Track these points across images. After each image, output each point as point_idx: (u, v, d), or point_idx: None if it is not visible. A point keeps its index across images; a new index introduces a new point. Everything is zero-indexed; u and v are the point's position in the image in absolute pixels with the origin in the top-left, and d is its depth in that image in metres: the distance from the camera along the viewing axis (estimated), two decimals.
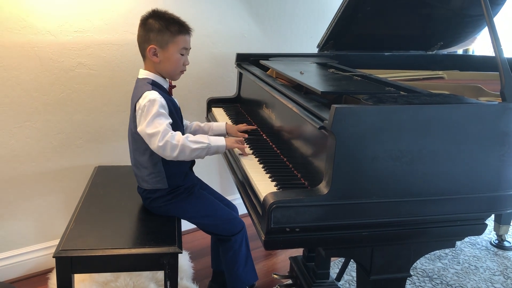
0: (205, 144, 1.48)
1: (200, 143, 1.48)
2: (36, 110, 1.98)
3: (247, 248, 1.69)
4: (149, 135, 1.45)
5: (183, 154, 1.46)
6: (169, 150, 1.44)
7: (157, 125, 1.44)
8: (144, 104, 1.46)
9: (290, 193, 1.09)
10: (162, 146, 1.43)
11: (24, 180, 2.03)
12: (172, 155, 1.45)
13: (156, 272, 2.00)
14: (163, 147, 1.43)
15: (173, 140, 1.44)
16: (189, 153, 1.47)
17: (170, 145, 1.43)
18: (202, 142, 1.48)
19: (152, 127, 1.44)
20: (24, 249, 2.09)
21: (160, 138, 1.42)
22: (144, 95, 1.48)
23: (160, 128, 1.43)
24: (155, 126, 1.44)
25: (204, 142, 1.48)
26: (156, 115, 1.45)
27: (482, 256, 2.42)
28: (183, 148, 1.45)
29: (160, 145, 1.43)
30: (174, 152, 1.44)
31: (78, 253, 1.39)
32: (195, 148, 1.46)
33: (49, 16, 1.91)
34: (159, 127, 1.44)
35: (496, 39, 1.29)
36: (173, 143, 1.43)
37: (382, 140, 1.08)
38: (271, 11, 2.64)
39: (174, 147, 1.44)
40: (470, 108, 1.16)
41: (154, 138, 1.44)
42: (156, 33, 1.52)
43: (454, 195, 1.15)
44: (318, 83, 1.48)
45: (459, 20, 2.19)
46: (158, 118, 1.45)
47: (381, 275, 1.25)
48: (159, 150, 1.44)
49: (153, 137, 1.44)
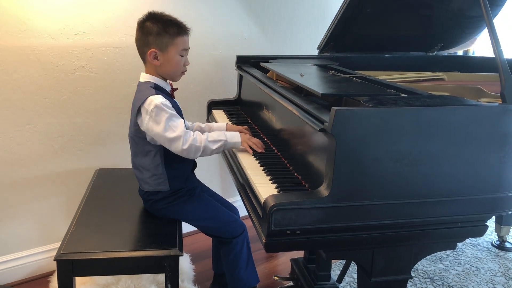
0: (222, 140, 1.55)
1: (219, 141, 1.54)
2: (36, 113, 1.98)
3: (248, 251, 1.69)
4: (170, 140, 1.48)
5: (205, 153, 1.54)
6: (193, 152, 1.50)
7: (175, 129, 1.48)
8: (151, 110, 1.47)
9: (291, 196, 1.09)
10: (187, 149, 1.48)
11: (25, 183, 2.03)
12: (195, 156, 1.53)
13: (157, 275, 2.00)
14: (188, 150, 1.49)
15: (196, 142, 1.49)
16: (210, 152, 1.54)
17: (194, 148, 1.49)
18: (220, 140, 1.55)
19: (170, 131, 1.47)
20: (25, 252, 2.09)
21: (183, 141, 1.47)
22: (149, 100, 1.49)
23: (180, 132, 1.48)
24: (172, 130, 1.47)
25: (221, 140, 1.55)
26: (169, 118, 1.48)
27: (483, 257, 2.42)
28: (205, 148, 1.52)
29: (184, 148, 1.48)
30: (197, 153, 1.51)
31: (79, 256, 1.39)
32: (215, 148, 1.54)
33: (50, 19, 1.92)
34: (177, 130, 1.48)
35: (496, 40, 1.29)
36: (196, 146, 1.50)
37: (382, 142, 1.08)
38: (271, 13, 2.64)
39: (198, 149, 1.50)
40: (470, 110, 1.16)
41: (177, 143, 1.48)
42: (155, 37, 1.52)
43: (454, 197, 1.15)
44: (318, 85, 1.48)
45: (459, 21, 2.19)
46: (172, 120, 1.48)
47: (382, 277, 1.25)
48: (183, 152, 1.50)
49: (176, 141, 1.48)
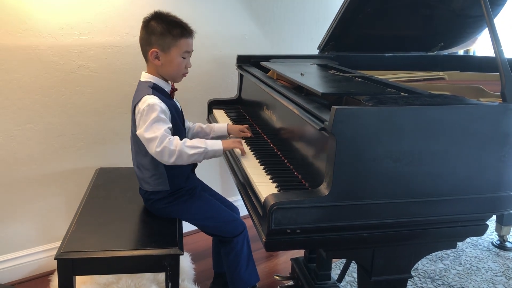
0: (201, 148, 1.48)
1: (197, 148, 1.48)
2: (37, 112, 1.98)
3: (248, 250, 1.69)
4: (147, 139, 1.45)
5: (181, 159, 1.46)
6: (166, 155, 1.44)
7: (155, 130, 1.44)
8: (143, 109, 1.47)
9: (291, 195, 1.09)
10: (160, 152, 1.44)
11: (25, 182, 2.03)
12: (169, 160, 1.45)
13: (157, 274, 2.00)
14: (161, 152, 1.44)
15: (171, 146, 1.44)
16: (187, 159, 1.47)
17: (168, 151, 1.44)
18: (199, 147, 1.48)
19: (150, 132, 1.45)
20: (25, 251, 2.10)
21: (158, 143, 1.43)
22: (144, 99, 1.49)
23: (158, 134, 1.44)
24: (153, 131, 1.45)
25: (201, 147, 1.48)
26: (155, 120, 1.46)
27: (483, 257, 2.42)
28: (180, 153, 1.45)
29: (157, 151, 1.43)
30: (171, 157, 1.45)
31: (79, 255, 1.39)
32: (192, 153, 1.47)
33: (50, 19, 1.92)
34: (157, 132, 1.44)
35: (497, 39, 1.29)
36: (171, 149, 1.44)
37: (382, 141, 1.08)
38: (272, 12, 2.64)
39: (172, 153, 1.44)
40: (470, 109, 1.16)
41: (152, 143, 1.44)
42: (158, 37, 1.52)
43: (455, 196, 1.15)
44: (318, 85, 1.48)
45: (459, 20, 2.18)
46: (157, 123, 1.46)
47: (382, 276, 1.25)
48: (157, 155, 1.45)
49: (151, 142, 1.44)
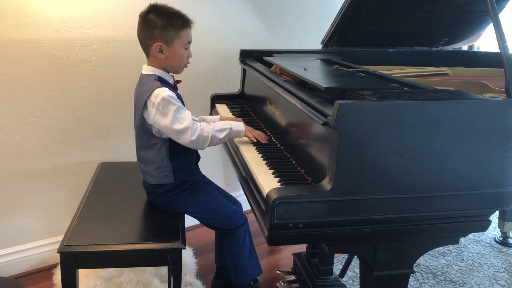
0: (228, 129, 1.57)
1: (225, 130, 1.57)
2: (40, 106, 1.99)
3: (250, 242, 1.70)
4: (178, 131, 1.48)
5: (212, 143, 1.55)
6: (201, 142, 1.52)
7: (182, 120, 1.48)
8: (158, 102, 1.47)
9: (293, 189, 1.09)
10: (195, 140, 1.50)
11: (28, 176, 2.04)
12: (203, 146, 1.54)
13: (160, 268, 2.01)
14: (196, 140, 1.50)
15: (203, 133, 1.51)
16: (217, 142, 1.57)
17: (202, 138, 1.51)
18: (226, 129, 1.57)
19: (178, 123, 1.48)
20: (28, 245, 2.11)
21: (192, 133, 1.48)
22: (156, 93, 1.49)
23: (188, 123, 1.48)
24: (180, 122, 1.48)
25: (227, 128, 1.57)
26: (176, 110, 1.48)
27: (486, 253, 2.42)
28: (213, 138, 1.54)
29: (193, 139, 1.49)
30: (205, 143, 1.53)
31: (82, 248, 1.40)
32: (222, 137, 1.56)
33: (53, 13, 1.92)
34: (184, 122, 1.48)
35: (502, 35, 1.28)
36: (204, 136, 1.51)
37: (385, 136, 1.08)
38: (275, 7, 2.63)
39: (206, 139, 1.52)
40: (474, 104, 1.15)
41: (185, 134, 1.48)
42: (161, 30, 1.52)
43: (458, 191, 1.15)
44: (321, 79, 1.48)
45: (464, 16, 2.17)
46: (179, 112, 1.49)
47: (384, 271, 1.25)
48: (192, 143, 1.51)
49: (184, 133, 1.48)
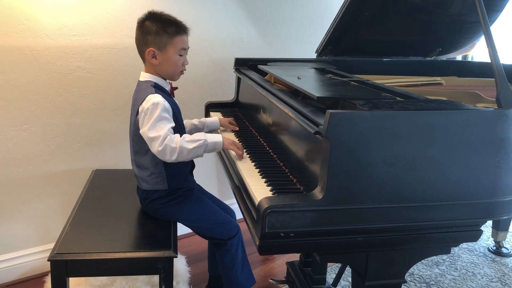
0: (201, 140, 1.50)
1: (197, 141, 1.49)
2: (33, 113, 1.98)
3: (243, 253, 1.69)
4: (150, 138, 1.47)
5: (182, 155, 1.48)
6: (168, 153, 1.46)
7: (159, 129, 1.46)
8: (147, 107, 1.48)
9: (285, 198, 1.08)
10: (162, 151, 1.45)
11: (21, 183, 2.02)
12: (171, 158, 1.47)
13: (152, 276, 1.99)
14: (163, 151, 1.45)
15: (171, 143, 1.45)
16: (187, 154, 1.48)
17: (169, 149, 1.45)
18: (198, 140, 1.50)
19: (154, 131, 1.46)
20: (20, 252, 2.09)
21: (160, 142, 1.45)
22: (148, 98, 1.49)
23: (161, 133, 1.45)
24: (157, 130, 1.46)
25: (200, 139, 1.50)
26: (158, 118, 1.47)
27: (479, 262, 2.41)
28: (181, 149, 1.46)
29: (159, 150, 1.45)
30: (173, 155, 1.46)
31: (73, 256, 1.39)
32: (192, 147, 1.48)
33: (48, 20, 1.92)
34: (160, 131, 1.45)
35: (492, 46, 1.30)
36: (171, 146, 1.45)
37: (377, 146, 1.08)
38: (270, 16, 2.65)
39: (173, 150, 1.45)
40: (465, 114, 1.16)
41: (154, 142, 1.46)
42: (154, 36, 1.53)
43: (449, 201, 1.15)
44: (314, 88, 1.48)
45: (458, 26, 2.19)
46: (161, 122, 1.47)
47: (376, 280, 1.25)
48: (159, 154, 1.47)
49: (154, 141, 1.46)
